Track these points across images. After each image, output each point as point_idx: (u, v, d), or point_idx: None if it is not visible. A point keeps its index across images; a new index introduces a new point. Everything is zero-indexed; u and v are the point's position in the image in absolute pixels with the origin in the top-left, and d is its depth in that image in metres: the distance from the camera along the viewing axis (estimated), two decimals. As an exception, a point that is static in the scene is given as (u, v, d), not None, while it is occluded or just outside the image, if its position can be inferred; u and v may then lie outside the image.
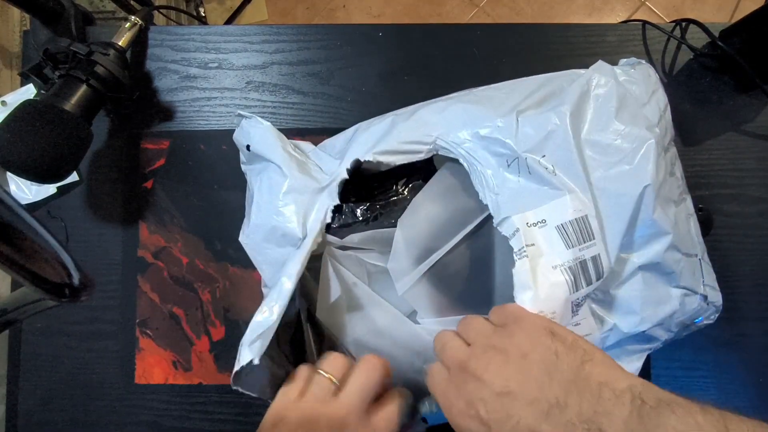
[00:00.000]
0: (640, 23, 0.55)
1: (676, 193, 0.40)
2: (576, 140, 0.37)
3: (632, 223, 0.37)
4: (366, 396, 0.33)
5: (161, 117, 0.54)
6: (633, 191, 0.36)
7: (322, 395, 0.32)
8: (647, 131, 0.37)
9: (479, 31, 0.55)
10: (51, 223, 0.52)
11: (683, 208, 0.41)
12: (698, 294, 0.40)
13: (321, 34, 0.55)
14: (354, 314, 0.41)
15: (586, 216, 0.35)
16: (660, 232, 0.37)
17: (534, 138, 0.37)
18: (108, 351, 0.51)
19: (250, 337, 0.34)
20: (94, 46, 0.46)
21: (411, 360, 0.40)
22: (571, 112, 0.37)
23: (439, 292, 0.41)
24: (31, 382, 0.51)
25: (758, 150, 0.53)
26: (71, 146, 0.43)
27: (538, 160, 0.37)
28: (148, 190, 0.53)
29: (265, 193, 0.43)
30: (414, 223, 0.41)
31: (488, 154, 0.38)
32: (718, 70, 0.54)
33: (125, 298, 0.51)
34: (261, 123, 0.44)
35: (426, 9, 1.42)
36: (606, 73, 0.39)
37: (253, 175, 0.46)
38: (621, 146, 0.37)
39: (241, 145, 0.46)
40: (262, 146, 0.43)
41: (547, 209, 0.36)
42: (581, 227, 0.35)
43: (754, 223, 0.52)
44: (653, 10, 1.38)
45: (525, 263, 0.34)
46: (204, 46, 0.55)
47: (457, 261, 0.41)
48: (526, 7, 1.40)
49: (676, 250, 0.38)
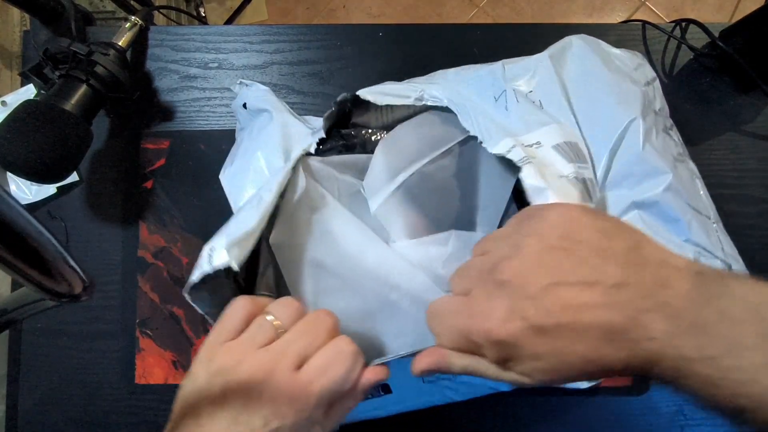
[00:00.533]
0: (640, 23, 0.55)
1: (674, 151, 0.39)
2: (559, 79, 0.37)
3: (615, 155, 0.35)
4: (334, 394, 0.28)
5: (161, 117, 0.54)
6: (617, 124, 0.35)
7: (261, 341, 0.28)
8: (633, 85, 0.37)
9: (479, 31, 0.55)
10: (51, 224, 0.52)
11: (686, 167, 0.39)
12: (718, 258, 0.36)
13: (321, 34, 0.55)
14: (317, 232, 0.34)
15: (576, 143, 0.35)
16: (654, 170, 0.35)
17: (521, 76, 0.38)
18: (108, 351, 0.51)
19: (225, 240, 0.29)
20: (94, 46, 0.46)
21: (382, 292, 0.33)
22: (551, 55, 0.39)
23: (414, 210, 0.36)
24: (31, 382, 0.51)
25: (758, 150, 0.53)
26: (71, 146, 0.43)
27: (525, 94, 0.37)
28: (148, 190, 0.53)
29: (254, 134, 0.41)
30: (394, 143, 0.38)
31: (475, 95, 0.38)
32: (718, 70, 0.54)
33: (125, 298, 0.51)
34: (260, 87, 0.45)
35: (426, 9, 1.42)
36: (591, 40, 0.41)
37: (245, 134, 0.45)
38: (607, 88, 0.37)
39: (237, 107, 0.46)
40: (259, 102, 0.43)
41: (539, 134, 0.35)
42: (574, 150, 0.34)
43: (755, 223, 0.52)
44: (653, 10, 1.38)
45: (531, 168, 0.31)
46: (204, 46, 0.55)
47: (436, 178, 0.37)
48: (526, 7, 1.40)
49: (678, 195, 0.35)
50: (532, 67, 0.39)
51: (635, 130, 0.35)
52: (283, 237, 0.34)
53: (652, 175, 0.35)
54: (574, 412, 0.49)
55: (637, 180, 0.36)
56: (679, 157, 0.39)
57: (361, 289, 0.33)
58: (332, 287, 0.33)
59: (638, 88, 0.37)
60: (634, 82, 0.38)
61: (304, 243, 0.34)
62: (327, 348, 0.28)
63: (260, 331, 0.28)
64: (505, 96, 0.37)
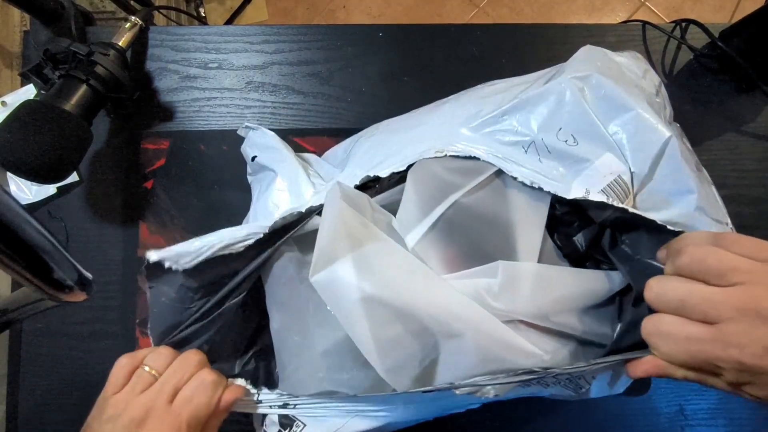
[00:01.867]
0: (640, 23, 0.55)
1: (692, 160, 0.38)
2: (585, 102, 0.35)
3: (653, 175, 0.35)
4: (201, 417, 0.34)
5: (161, 117, 0.54)
6: (655, 142, 0.34)
7: (141, 388, 0.34)
8: (654, 97, 0.37)
9: (479, 32, 0.55)
10: (51, 224, 0.52)
11: (704, 176, 0.39)
12: None
13: (321, 34, 0.55)
14: (361, 263, 0.31)
15: (619, 174, 0.34)
16: (686, 189, 0.35)
17: (543, 113, 0.36)
18: (108, 351, 0.51)
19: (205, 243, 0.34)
20: (94, 47, 0.46)
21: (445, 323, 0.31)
22: (573, 77, 0.35)
23: (454, 243, 0.35)
24: (32, 383, 0.51)
25: (758, 151, 0.53)
26: (71, 146, 0.43)
27: (555, 136, 0.35)
28: (148, 191, 0.53)
29: (262, 196, 0.43)
30: (424, 173, 0.36)
31: (500, 145, 0.37)
32: (718, 70, 0.54)
33: (125, 298, 0.51)
34: (266, 132, 0.45)
35: (426, 9, 1.42)
36: (597, 51, 0.39)
37: (256, 184, 0.46)
38: (634, 97, 0.35)
39: (247, 156, 0.46)
40: (267, 155, 0.44)
41: (581, 181, 0.35)
42: (622, 187, 0.34)
43: (755, 224, 0.52)
44: (653, 11, 1.38)
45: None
46: (204, 47, 0.55)
47: (473, 209, 0.36)
48: (526, 8, 1.40)
49: (704, 213, 0.35)
50: (553, 96, 0.36)
51: (672, 147, 0.34)
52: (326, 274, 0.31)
53: (683, 193, 0.35)
54: (575, 412, 0.49)
55: (670, 198, 0.35)
56: (697, 166, 0.39)
57: (420, 320, 0.31)
58: (388, 319, 0.31)
59: (654, 106, 0.36)
60: (649, 97, 0.37)
61: (348, 277, 0.31)
62: (191, 381, 0.34)
63: (139, 381, 0.34)
64: (535, 147, 0.36)
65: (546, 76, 0.40)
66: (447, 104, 0.43)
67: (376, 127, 0.46)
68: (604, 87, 0.36)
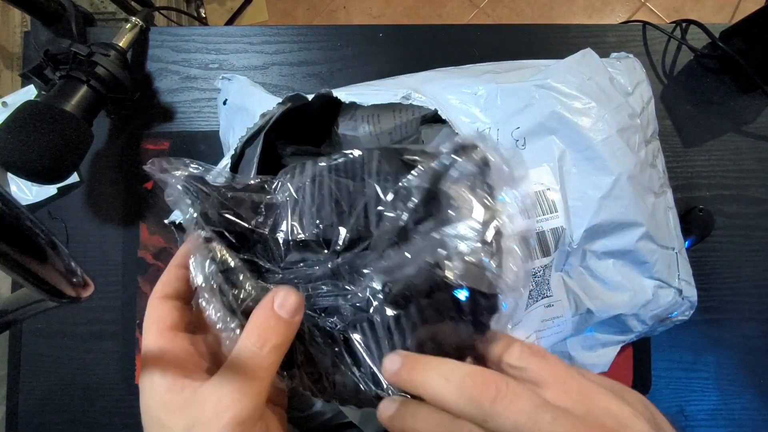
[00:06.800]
0: (640, 24, 0.55)
1: (656, 184, 0.40)
2: (554, 113, 0.36)
3: (601, 209, 0.36)
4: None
5: (162, 118, 0.54)
6: (606, 177, 0.36)
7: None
8: (629, 119, 0.37)
9: (479, 32, 0.55)
10: (51, 224, 0.52)
11: (663, 201, 0.41)
12: (673, 287, 0.40)
13: (321, 35, 0.55)
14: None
15: (549, 189, 0.36)
16: (633, 223, 0.37)
17: (511, 107, 0.37)
18: (108, 352, 0.51)
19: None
20: (94, 47, 0.46)
21: None
22: (551, 86, 0.36)
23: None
24: (32, 383, 0.51)
25: (759, 151, 0.53)
26: (71, 147, 0.43)
27: (510, 133, 0.36)
28: (148, 191, 0.53)
29: (237, 132, 0.41)
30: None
31: (462, 116, 0.38)
32: (719, 70, 0.54)
33: (125, 299, 0.51)
34: (241, 78, 0.45)
35: (426, 10, 1.42)
36: (592, 59, 0.39)
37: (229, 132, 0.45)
38: (600, 128, 0.36)
39: (220, 105, 0.46)
40: (238, 97, 0.43)
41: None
42: (543, 200, 0.36)
43: (755, 224, 0.52)
44: (653, 11, 1.38)
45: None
46: (204, 47, 0.55)
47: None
48: (527, 8, 1.40)
49: (651, 240, 0.38)
50: (529, 97, 0.36)
51: (622, 183, 0.36)
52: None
53: (629, 226, 0.37)
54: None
55: (615, 228, 0.37)
56: (659, 190, 0.41)
57: None
58: None
59: (635, 128, 0.37)
60: (632, 116, 0.37)
61: None
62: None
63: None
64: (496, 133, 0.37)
65: (536, 77, 0.39)
66: (446, 71, 0.43)
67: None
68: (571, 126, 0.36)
